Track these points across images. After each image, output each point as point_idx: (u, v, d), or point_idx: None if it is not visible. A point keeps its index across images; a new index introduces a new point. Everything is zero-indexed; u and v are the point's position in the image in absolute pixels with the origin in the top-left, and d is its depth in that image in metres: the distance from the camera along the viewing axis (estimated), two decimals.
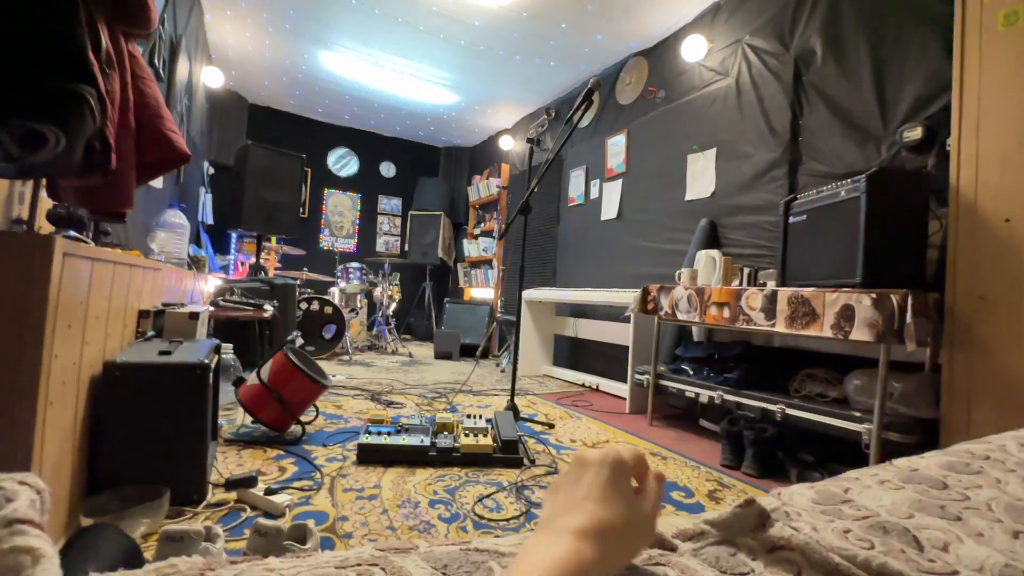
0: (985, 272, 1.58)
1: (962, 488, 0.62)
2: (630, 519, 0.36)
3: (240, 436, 1.92)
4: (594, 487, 0.36)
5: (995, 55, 1.60)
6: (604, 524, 0.34)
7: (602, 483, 0.37)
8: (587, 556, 0.31)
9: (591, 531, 0.33)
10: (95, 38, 0.99)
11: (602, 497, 0.36)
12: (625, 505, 0.36)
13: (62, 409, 1.03)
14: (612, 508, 0.35)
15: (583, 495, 0.36)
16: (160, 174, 1.31)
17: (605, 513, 0.35)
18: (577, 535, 0.32)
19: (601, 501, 0.35)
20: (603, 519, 0.34)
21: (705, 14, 3.24)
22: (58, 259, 0.91)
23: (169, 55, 2.80)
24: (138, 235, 2.41)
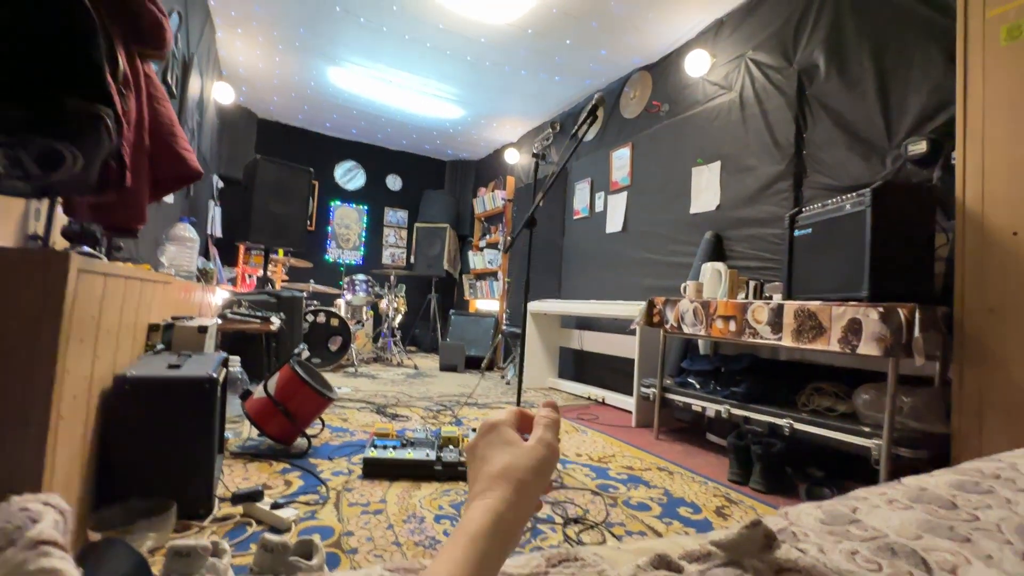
0: (994, 285, 1.57)
1: (971, 508, 0.61)
2: (516, 459, 0.41)
3: (246, 449, 1.93)
4: (483, 457, 0.42)
5: (998, 70, 1.61)
6: (494, 476, 0.39)
7: (484, 449, 0.43)
8: (492, 505, 0.37)
9: (486, 488, 0.39)
10: (113, 60, 1.02)
11: (488, 458, 0.42)
12: (509, 452, 0.41)
13: (73, 423, 1.05)
14: (497, 461, 0.41)
15: (478, 468, 0.42)
16: (173, 191, 1.33)
17: (492, 468, 0.40)
18: (478, 496, 0.38)
19: (489, 461, 0.41)
20: (491, 473, 0.40)
21: (708, 30, 3.28)
22: (73, 275, 0.93)
23: (182, 72, 2.86)
24: (148, 249, 2.44)
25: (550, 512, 1.54)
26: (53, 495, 0.30)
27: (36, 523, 0.27)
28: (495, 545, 0.35)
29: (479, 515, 0.36)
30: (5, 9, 0.83)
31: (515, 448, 0.42)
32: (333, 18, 3.56)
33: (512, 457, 0.41)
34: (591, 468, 2.02)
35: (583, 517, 1.52)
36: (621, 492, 1.76)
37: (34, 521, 0.27)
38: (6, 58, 0.80)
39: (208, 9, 3.55)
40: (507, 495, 0.38)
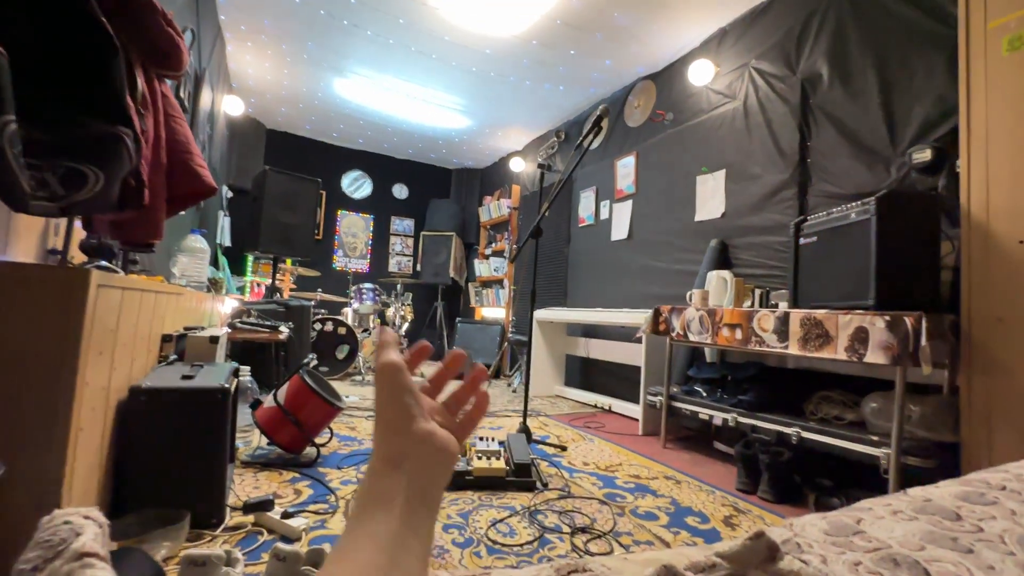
0: (1001, 293, 1.57)
1: (976, 519, 0.62)
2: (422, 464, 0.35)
3: (256, 458, 1.95)
4: (385, 421, 0.36)
5: (1001, 80, 1.61)
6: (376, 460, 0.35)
7: (386, 407, 0.36)
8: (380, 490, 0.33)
9: (374, 465, 0.35)
10: (132, 82, 1.05)
11: (389, 428, 0.36)
12: (411, 444, 0.35)
13: (91, 434, 1.07)
14: (396, 448, 0.35)
15: (378, 427, 0.37)
16: (188, 206, 1.37)
17: (391, 451, 0.35)
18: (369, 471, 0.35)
19: (387, 440, 0.35)
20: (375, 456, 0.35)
21: (711, 39, 3.30)
22: (93, 291, 0.96)
23: (194, 87, 2.92)
24: (161, 260, 2.49)
25: (558, 521, 1.55)
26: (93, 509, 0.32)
27: (79, 536, 0.29)
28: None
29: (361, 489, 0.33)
30: (30, 36, 0.87)
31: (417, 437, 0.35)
32: (341, 31, 3.62)
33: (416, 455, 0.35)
34: (598, 477, 2.02)
35: (591, 526, 1.52)
36: (628, 501, 1.76)
37: (77, 534, 0.29)
38: (32, 83, 0.83)
39: (219, 25, 3.62)
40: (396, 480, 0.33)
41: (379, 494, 0.33)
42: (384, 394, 0.36)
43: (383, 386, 0.36)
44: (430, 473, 0.35)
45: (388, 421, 0.36)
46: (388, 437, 0.35)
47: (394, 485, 0.33)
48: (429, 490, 0.35)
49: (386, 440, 0.35)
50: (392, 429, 0.36)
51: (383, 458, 0.35)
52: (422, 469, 0.35)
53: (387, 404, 0.36)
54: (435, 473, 0.36)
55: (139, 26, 1.11)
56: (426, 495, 0.35)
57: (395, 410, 0.36)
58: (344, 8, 3.33)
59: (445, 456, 0.37)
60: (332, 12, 3.39)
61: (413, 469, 0.34)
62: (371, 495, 0.33)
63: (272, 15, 3.50)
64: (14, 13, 0.82)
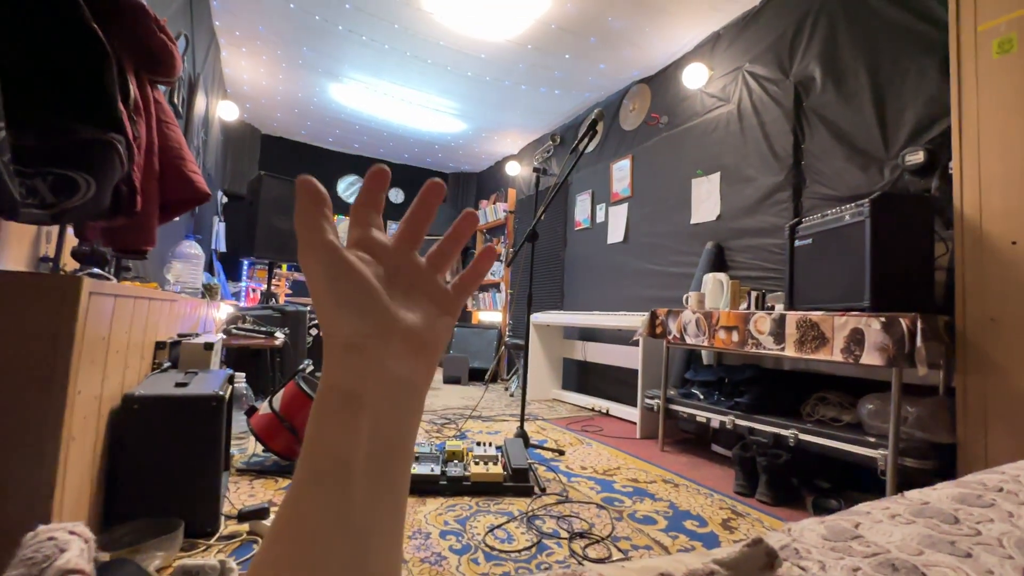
0: (995, 294, 1.58)
1: (973, 522, 0.62)
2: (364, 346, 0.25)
3: (252, 466, 1.94)
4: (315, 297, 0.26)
5: (991, 82, 1.63)
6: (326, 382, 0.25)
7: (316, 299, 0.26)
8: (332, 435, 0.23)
9: (322, 402, 0.25)
10: (124, 88, 1.05)
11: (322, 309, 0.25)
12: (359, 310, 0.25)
13: (83, 443, 1.06)
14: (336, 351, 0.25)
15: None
16: (182, 212, 1.36)
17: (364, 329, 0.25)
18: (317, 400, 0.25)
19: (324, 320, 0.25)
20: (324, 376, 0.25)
21: (705, 43, 3.32)
22: (84, 299, 0.95)
23: (188, 93, 2.92)
24: (155, 266, 2.47)
25: (556, 527, 1.54)
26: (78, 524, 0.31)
27: (64, 552, 0.28)
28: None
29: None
30: (22, 43, 0.86)
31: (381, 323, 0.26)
32: (336, 37, 3.62)
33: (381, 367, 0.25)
34: (596, 481, 2.01)
35: (589, 531, 1.52)
36: (627, 505, 1.76)
37: (61, 551, 0.29)
38: (23, 90, 0.83)
39: (213, 30, 3.62)
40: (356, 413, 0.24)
41: (332, 449, 0.23)
42: (323, 286, 0.25)
43: (317, 277, 0.25)
44: (403, 402, 0.26)
45: (336, 323, 0.25)
46: (341, 350, 0.25)
47: (353, 432, 0.23)
48: (400, 438, 0.25)
49: (339, 353, 0.25)
50: (345, 330, 0.25)
51: (336, 388, 0.24)
52: (394, 394, 0.25)
53: (329, 296, 0.25)
54: (409, 403, 0.26)
55: (132, 33, 1.10)
56: (398, 443, 0.25)
57: (342, 299, 0.25)
58: (339, 14, 3.33)
59: (428, 351, 0.27)
60: (327, 17, 3.39)
61: (380, 400, 0.24)
62: (321, 453, 0.23)
63: (267, 21, 3.50)
64: (4, 20, 0.82)
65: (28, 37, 0.87)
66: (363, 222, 0.29)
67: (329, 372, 0.25)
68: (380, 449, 0.24)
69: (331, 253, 0.25)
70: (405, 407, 0.26)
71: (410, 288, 0.28)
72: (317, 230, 0.25)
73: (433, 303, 0.29)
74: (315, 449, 0.23)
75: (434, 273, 0.30)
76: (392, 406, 0.25)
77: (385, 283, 0.27)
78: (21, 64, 0.82)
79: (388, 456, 0.24)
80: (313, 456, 0.23)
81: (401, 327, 0.26)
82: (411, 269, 0.29)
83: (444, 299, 0.29)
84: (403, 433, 0.26)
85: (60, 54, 0.90)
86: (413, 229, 0.30)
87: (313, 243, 0.25)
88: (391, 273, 0.28)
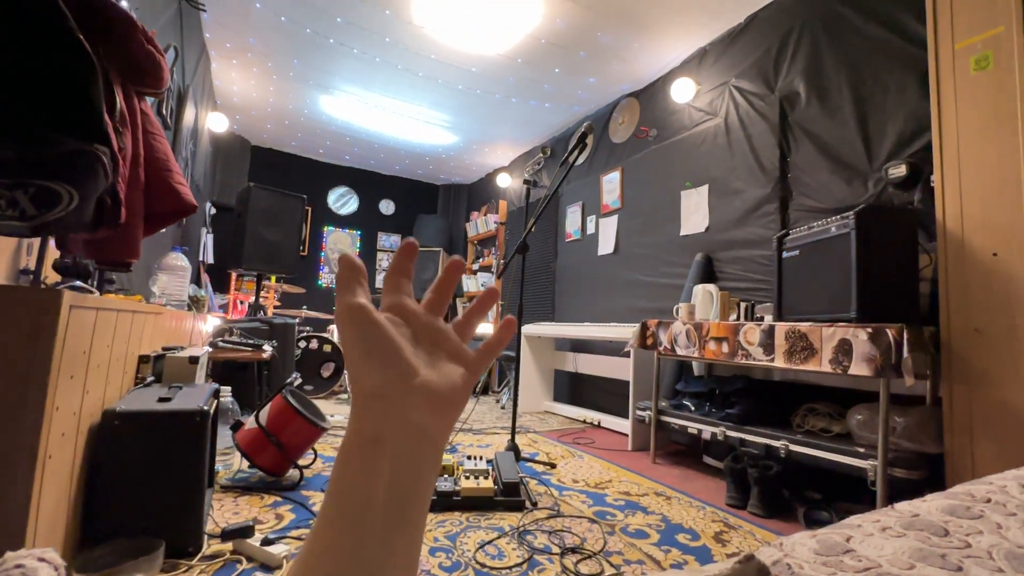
0: (978, 305, 1.60)
1: (963, 535, 0.62)
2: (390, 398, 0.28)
3: (237, 482, 1.89)
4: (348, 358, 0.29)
5: (970, 97, 1.67)
6: (353, 431, 0.28)
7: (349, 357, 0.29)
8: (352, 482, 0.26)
9: (348, 447, 0.27)
10: (111, 100, 1.04)
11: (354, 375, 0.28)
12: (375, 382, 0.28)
13: (60, 461, 1.03)
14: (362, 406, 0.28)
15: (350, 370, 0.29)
16: (167, 224, 1.34)
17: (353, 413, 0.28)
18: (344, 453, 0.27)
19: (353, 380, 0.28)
20: (351, 424, 0.28)
21: (692, 58, 3.38)
22: (65, 312, 0.92)
23: (176, 104, 2.90)
24: (140, 278, 2.43)
25: (547, 542, 1.52)
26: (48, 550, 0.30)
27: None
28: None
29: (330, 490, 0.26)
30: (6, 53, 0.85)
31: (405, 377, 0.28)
32: (327, 49, 3.64)
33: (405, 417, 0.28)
34: (588, 495, 2.00)
35: (580, 546, 1.50)
36: (619, 519, 1.74)
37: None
38: (5, 101, 0.82)
39: (204, 42, 3.62)
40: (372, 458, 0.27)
41: (353, 490, 0.26)
42: (353, 341, 0.28)
43: (349, 334, 0.28)
44: (421, 450, 0.28)
45: (363, 374, 0.28)
46: (365, 398, 0.28)
47: (373, 475, 0.26)
48: (419, 480, 0.28)
49: (363, 400, 0.28)
50: (370, 381, 0.28)
51: (360, 433, 0.27)
52: (412, 441, 0.27)
53: (358, 350, 0.28)
54: (426, 452, 0.28)
55: (119, 45, 1.10)
56: (415, 488, 0.27)
57: (369, 352, 0.28)
58: (330, 27, 3.35)
59: (446, 407, 0.29)
60: (318, 30, 3.41)
61: (399, 446, 0.27)
62: (343, 493, 0.26)
63: (258, 33, 3.51)
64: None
65: (13, 47, 0.86)
66: (395, 288, 0.32)
67: (354, 419, 0.28)
68: (398, 491, 0.26)
69: (361, 312, 0.28)
70: (422, 456, 0.28)
71: (435, 348, 0.31)
72: (352, 293, 0.29)
73: (457, 363, 0.31)
74: (338, 488, 0.26)
75: (460, 338, 0.33)
76: (411, 451, 0.27)
77: (412, 342, 0.30)
78: (4, 74, 0.81)
79: (406, 497, 0.27)
80: (336, 495, 0.26)
81: (421, 381, 0.28)
82: (437, 332, 0.32)
83: (467, 361, 0.32)
84: (420, 479, 0.28)
85: (46, 65, 0.89)
86: (439, 298, 0.34)
87: (349, 303, 0.29)
88: (418, 334, 0.31)
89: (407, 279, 0.33)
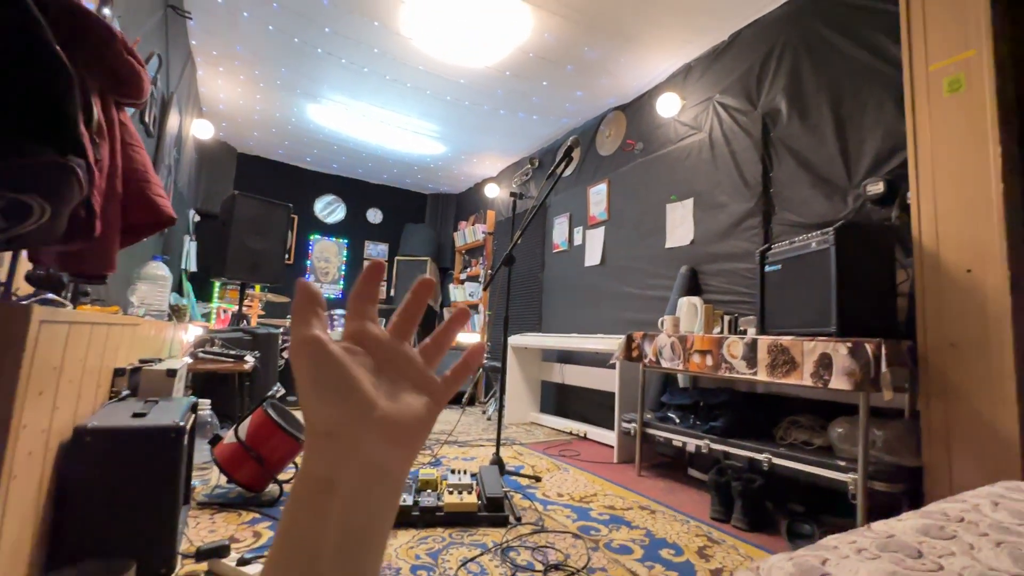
0: (953, 320, 1.64)
1: (936, 556, 0.63)
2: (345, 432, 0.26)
3: (214, 498, 1.85)
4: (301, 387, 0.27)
5: (943, 118, 1.72)
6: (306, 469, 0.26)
7: (302, 392, 0.27)
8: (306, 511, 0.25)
9: (297, 490, 0.26)
10: (87, 110, 1.02)
11: (306, 402, 0.27)
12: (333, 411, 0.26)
13: (26, 482, 0.99)
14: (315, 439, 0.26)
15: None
16: (145, 236, 1.32)
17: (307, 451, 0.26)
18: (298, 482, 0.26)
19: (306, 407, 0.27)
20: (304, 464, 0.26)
21: (678, 73, 3.44)
22: (34, 328, 0.90)
23: (160, 112, 2.87)
24: (118, 288, 2.38)
25: (530, 559, 1.50)
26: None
27: None
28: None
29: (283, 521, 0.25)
30: None
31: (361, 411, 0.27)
32: (315, 58, 3.63)
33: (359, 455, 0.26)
34: (572, 509, 1.98)
35: (564, 563, 1.49)
36: (603, 534, 1.73)
37: None
38: None
39: (190, 49, 3.59)
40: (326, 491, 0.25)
41: (302, 536, 0.24)
42: (307, 376, 0.26)
43: (302, 368, 0.26)
44: (377, 489, 0.26)
45: (315, 411, 0.26)
46: (318, 437, 0.26)
47: (323, 521, 0.24)
48: (374, 522, 0.26)
49: (315, 439, 0.26)
50: (323, 418, 0.26)
51: (310, 475, 0.25)
52: (368, 481, 0.26)
53: (312, 385, 0.26)
54: (383, 491, 0.26)
55: (97, 54, 1.08)
56: (369, 531, 0.26)
57: (323, 388, 0.26)
58: (318, 36, 3.35)
59: (408, 439, 0.28)
60: (306, 40, 3.40)
61: (353, 488, 0.25)
62: (291, 538, 0.24)
63: (245, 41, 3.49)
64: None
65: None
66: (358, 314, 0.30)
67: (306, 460, 0.26)
68: (350, 536, 0.25)
69: (316, 345, 0.27)
70: (379, 494, 0.26)
71: (398, 378, 0.30)
72: (306, 325, 0.27)
73: (421, 392, 0.30)
74: (286, 533, 0.25)
75: (424, 364, 0.32)
76: (365, 492, 0.26)
77: (373, 373, 0.29)
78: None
79: (358, 544, 0.25)
80: (284, 541, 0.24)
81: (379, 415, 0.27)
82: (401, 360, 0.30)
83: (433, 389, 0.31)
84: (375, 520, 0.26)
85: (19, 74, 0.88)
86: (405, 321, 0.32)
87: (303, 336, 0.27)
88: (381, 364, 0.29)
89: (372, 303, 0.31)
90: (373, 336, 0.30)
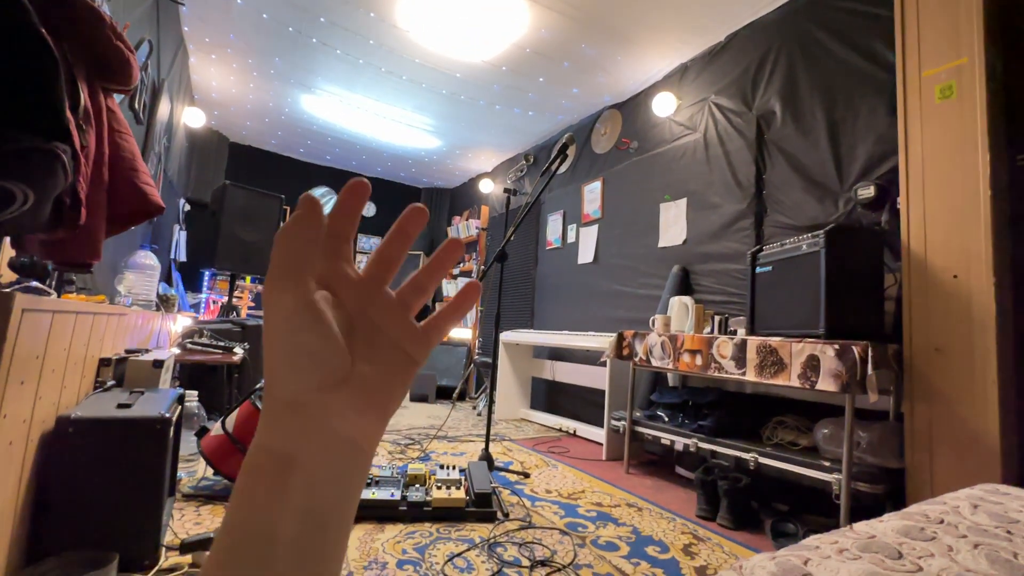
0: (938, 325, 1.66)
1: (916, 557, 0.63)
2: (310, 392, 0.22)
3: (200, 490, 1.84)
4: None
5: (935, 125, 1.73)
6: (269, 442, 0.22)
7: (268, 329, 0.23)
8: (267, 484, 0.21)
9: (250, 462, 0.22)
10: (74, 96, 1.00)
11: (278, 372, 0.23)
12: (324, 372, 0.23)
13: (6, 472, 0.98)
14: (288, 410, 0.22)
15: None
16: (133, 225, 1.30)
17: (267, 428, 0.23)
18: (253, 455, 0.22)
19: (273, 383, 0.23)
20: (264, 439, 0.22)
21: (674, 73, 3.44)
22: (16, 316, 0.88)
23: (151, 98, 2.83)
24: (105, 277, 2.35)
25: (517, 554, 1.51)
26: None
27: None
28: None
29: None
30: None
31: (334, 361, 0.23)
32: (309, 49, 3.59)
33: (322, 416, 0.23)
34: (560, 505, 1.99)
35: (551, 559, 1.49)
36: (590, 531, 1.74)
37: None
38: None
39: (182, 36, 3.53)
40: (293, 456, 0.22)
41: (252, 522, 0.21)
42: (281, 338, 0.23)
43: (278, 329, 0.22)
44: (345, 466, 0.23)
45: (282, 370, 0.22)
46: (280, 407, 0.22)
47: (280, 504, 0.21)
48: (340, 503, 0.23)
49: (276, 410, 0.22)
50: (288, 386, 0.22)
51: (266, 450, 0.22)
52: (335, 458, 0.22)
53: (285, 349, 0.22)
54: (352, 468, 0.23)
55: (85, 39, 1.06)
56: (334, 514, 0.22)
57: (295, 351, 0.22)
58: (313, 26, 3.31)
59: (381, 405, 0.24)
60: (301, 29, 3.36)
61: (317, 466, 0.22)
62: (240, 525, 0.21)
63: (238, 30, 3.44)
64: None
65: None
66: (333, 253, 0.25)
67: (262, 432, 0.22)
68: (311, 521, 0.21)
69: (304, 299, 0.23)
70: (345, 471, 0.23)
71: (374, 333, 0.25)
72: (301, 264, 0.23)
73: (398, 349, 0.26)
74: (236, 518, 0.21)
75: (405, 312, 0.26)
76: (330, 471, 0.22)
77: (346, 329, 0.24)
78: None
79: (320, 528, 0.21)
80: (234, 526, 0.21)
81: (353, 380, 0.24)
82: (378, 310, 0.26)
83: (412, 343, 0.26)
84: (341, 501, 0.23)
85: (2, 58, 0.86)
86: (386, 262, 0.27)
87: (292, 277, 0.22)
88: (355, 315, 0.25)
89: (347, 241, 0.26)
90: (347, 279, 0.25)
